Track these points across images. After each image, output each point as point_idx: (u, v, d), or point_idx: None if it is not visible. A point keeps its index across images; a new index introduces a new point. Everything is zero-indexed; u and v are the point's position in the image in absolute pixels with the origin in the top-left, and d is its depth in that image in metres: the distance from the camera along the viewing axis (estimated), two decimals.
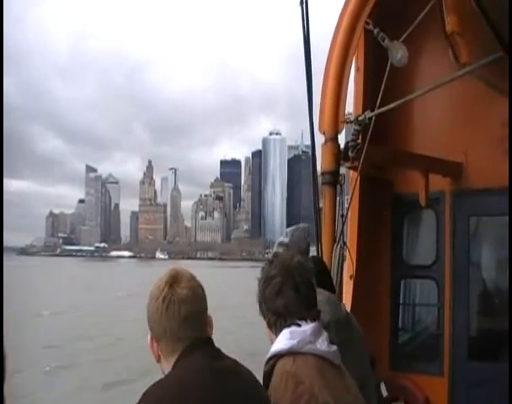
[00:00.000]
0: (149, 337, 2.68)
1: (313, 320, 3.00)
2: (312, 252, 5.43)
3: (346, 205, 6.27)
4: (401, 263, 7.48)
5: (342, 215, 6.04)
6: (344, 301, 6.26)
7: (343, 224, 6.04)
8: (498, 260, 7.62)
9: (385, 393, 7.01)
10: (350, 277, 6.67)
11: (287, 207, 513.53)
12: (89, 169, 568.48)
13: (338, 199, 6.07)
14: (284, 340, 2.92)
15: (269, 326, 3.08)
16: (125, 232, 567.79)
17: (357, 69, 7.02)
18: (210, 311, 2.70)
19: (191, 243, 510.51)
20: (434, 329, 7.41)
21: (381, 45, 5.28)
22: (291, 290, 2.98)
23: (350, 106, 6.88)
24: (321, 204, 6.14)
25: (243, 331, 37.57)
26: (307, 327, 2.94)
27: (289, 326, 2.96)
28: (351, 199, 6.50)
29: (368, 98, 6.76)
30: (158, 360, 2.69)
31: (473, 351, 6.99)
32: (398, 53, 5.22)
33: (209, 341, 2.66)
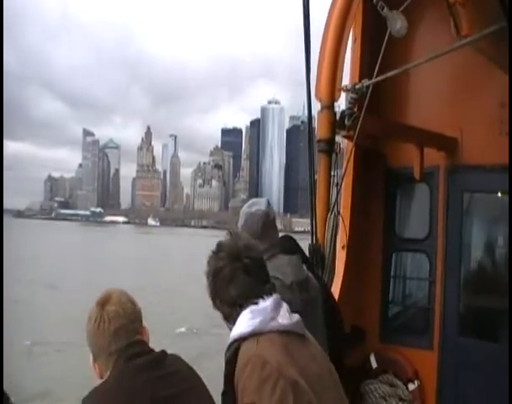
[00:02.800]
0: (90, 358, 2.93)
1: (270, 294, 2.97)
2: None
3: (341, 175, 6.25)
4: (393, 235, 7.48)
5: (336, 184, 6.03)
6: (336, 271, 6.28)
7: (337, 193, 6.02)
8: (490, 236, 7.63)
9: (374, 365, 7.07)
10: (343, 247, 6.68)
11: (285, 178, 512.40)
12: (86, 133, 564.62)
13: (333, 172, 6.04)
14: (245, 321, 2.88)
15: (226, 318, 3.05)
16: (127, 198, 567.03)
17: (354, 39, 6.94)
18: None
19: (186, 211, 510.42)
20: (425, 303, 7.42)
21: (380, 15, 5.19)
22: (242, 275, 2.95)
23: (347, 78, 6.81)
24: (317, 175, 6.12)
25: None
26: (267, 303, 2.91)
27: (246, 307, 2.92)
28: (345, 169, 6.43)
29: (365, 67, 6.69)
30: (101, 378, 2.89)
31: (463, 327, 7.02)
32: (397, 23, 5.13)
33: (133, 344, 2.86)
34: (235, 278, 2.94)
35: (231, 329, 2.99)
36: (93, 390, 2.73)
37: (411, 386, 6.88)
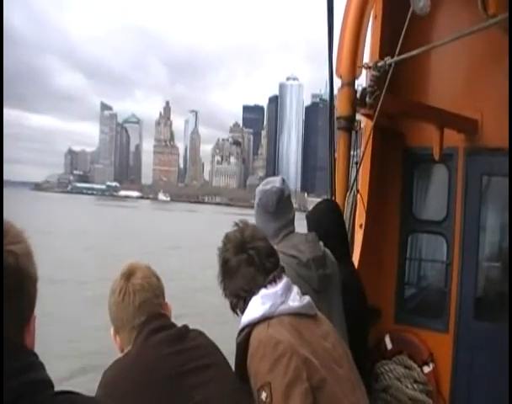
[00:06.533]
0: (112, 330, 2.91)
1: (275, 281, 2.98)
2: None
3: (360, 153, 6.23)
4: (410, 216, 7.42)
5: (356, 163, 6.01)
6: (354, 250, 6.26)
7: (356, 171, 6.01)
8: (508, 221, 7.56)
9: (389, 346, 7.06)
10: (360, 226, 6.66)
11: (303, 156, 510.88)
12: (104, 107, 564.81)
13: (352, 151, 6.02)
14: (257, 306, 2.90)
15: (233, 308, 3.09)
16: (148, 173, 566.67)
17: (375, 16, 6.84)
18: None
19: (201, 187, 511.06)
20: (441, 286, 7.37)
21: None
22: (246, 267, 2.98)
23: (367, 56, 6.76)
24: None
25: None
26: (278, 288, 2.94)
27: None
28: (365, 147, 6.41)
29: (385, 46, 6.61)
30: (122, 351, 2.88)
31: (479, 311, 6.96)
32: (421, 1, 5.08)
33: (156, 319, 2.83)
34: (239, 270, 2.98)
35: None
36: (114, 363, 2.73)
37: (426, 369, 6.85)
